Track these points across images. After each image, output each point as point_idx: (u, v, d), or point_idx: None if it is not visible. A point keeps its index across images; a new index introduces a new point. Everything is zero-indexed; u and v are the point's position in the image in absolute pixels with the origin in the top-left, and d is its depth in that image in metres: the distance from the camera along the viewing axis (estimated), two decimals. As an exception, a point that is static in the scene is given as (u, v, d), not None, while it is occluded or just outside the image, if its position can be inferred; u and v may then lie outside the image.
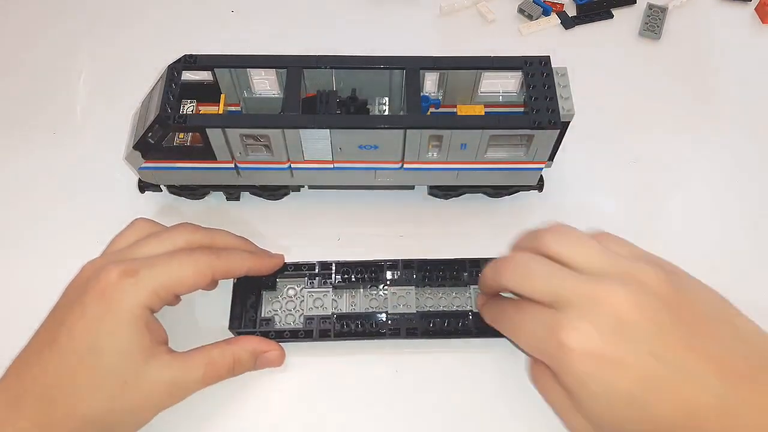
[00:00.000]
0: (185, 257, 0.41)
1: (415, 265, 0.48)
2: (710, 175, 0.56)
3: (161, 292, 0.39)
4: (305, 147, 0.46)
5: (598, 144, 0.57)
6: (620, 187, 0.55)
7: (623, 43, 0.65)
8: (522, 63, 0.47)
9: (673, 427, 0.34)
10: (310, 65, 0.47)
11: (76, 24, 0.66)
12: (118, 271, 0.39)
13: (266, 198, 0.54)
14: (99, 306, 0.38)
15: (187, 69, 0.47)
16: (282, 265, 0.47)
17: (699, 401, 0.33)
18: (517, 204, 0.54)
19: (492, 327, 0.45)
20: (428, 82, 0.50)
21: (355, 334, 0.46)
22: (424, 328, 0.46)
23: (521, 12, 0.67)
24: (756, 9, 0.67)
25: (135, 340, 0.38)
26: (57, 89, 0.61)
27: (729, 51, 0.65)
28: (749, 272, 0.51)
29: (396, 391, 0.45)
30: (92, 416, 0.37)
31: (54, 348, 0.38)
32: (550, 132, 0.45)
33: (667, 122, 0.59)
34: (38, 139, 0.57)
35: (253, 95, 0.51)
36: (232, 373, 0.43)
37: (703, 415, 0.33)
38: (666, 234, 0.53)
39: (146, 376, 0.39)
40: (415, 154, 0.47)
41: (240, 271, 0.44)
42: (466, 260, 0.49)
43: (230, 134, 0.45)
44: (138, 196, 0.53)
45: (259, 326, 0.46)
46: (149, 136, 0.45)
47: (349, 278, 0.48)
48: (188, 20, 0.66)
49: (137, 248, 0.42)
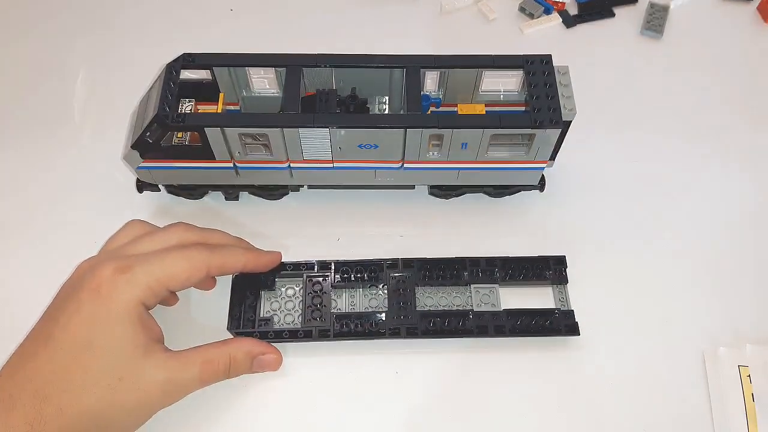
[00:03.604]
0: (179, 252, 0.41)
1: (416, 265, 0.48)
2: (711, 174, 0.56)
3: (155, 286, 0.39)
4: (304, 146, 0.46)
5: (599, 143, 0.57)
6: (621, 186, 0.55)
7: (625, 41, 0.65)
8: (523, 62, 0.47)
9: None
10: (310, 64, 0.47)
11: (74, 23, 0.65)
12: (113, 268, 0.39)
13: (265, 198, 0.54)
14: (94, 302, 0.38)
15: (186, 68, 0.47)
16: (279, 261, 0.47)
17: None
18: (518, 204, 0.54)
19: (492, 326, 0.45)
20: (429, 80, 0.49)
21: (354, 334, 0.46)
22: (423, 328, 0.46)
23: (522, 10, 0.66)
24: (758, 8, 0.67)
25: (130, 336, 0.38)
26: (55, 88, 0.61)
27: (730, 50, 0.64)
28: (750, 270, 0.51)
29: (396, 391, 0.45)
30: (87, 413, 0.37)
31: (49, 345, 0.38)
32: (551, 131, 0.45)
33: (669, 121, 0.59)
34: (36, 139, 0.57)
35: (252, 94, 0.50)
36: (228, 373, 0.43)
37: None
38: (667, 233, 0.52)
39: (141, 373, 0.38)
40: (416, 153, 0.47)
41: (236, 267, 0.44)
42: (467, 259, 0.48)
43: (229, 133, 0.45)
44: (136, 195, 0.52)
45: (258, 326, 0.46)
46: (147, 135, 0.45)
47: (348, 278, 0.48)
48: (187, 19, 0.66)
49: (131, 247, 0.42)
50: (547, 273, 0.48)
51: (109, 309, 0.38)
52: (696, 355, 0.47)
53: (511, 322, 0.46)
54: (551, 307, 0.48)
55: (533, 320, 0.46)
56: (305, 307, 0.47)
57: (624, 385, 0.45)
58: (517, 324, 0.46)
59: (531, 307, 0.47)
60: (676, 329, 0.48)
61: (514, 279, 0.48)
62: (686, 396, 0.45)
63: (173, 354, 0.41)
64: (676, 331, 0.48)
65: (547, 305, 0.48)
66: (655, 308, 0.49)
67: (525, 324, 0.46)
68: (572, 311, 0.47)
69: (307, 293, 0.47)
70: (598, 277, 0.50)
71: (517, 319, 0.46)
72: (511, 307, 0.47)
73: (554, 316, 0.46)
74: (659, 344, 0.47)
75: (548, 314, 0.47)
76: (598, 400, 0.45)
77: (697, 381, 0.46)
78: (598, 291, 0.49)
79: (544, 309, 0.47)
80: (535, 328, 0.46)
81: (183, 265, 0.40)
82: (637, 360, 0.46)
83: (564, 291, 0.49)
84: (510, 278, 0.48)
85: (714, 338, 0.47)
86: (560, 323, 0.46)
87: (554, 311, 0.47)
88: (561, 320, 0.46)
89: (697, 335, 0.47)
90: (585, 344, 0.47)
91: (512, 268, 0.48)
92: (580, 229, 0.52)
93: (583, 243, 0.51)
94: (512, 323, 0.46)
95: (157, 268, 0.39)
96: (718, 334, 0.48)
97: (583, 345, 0.47)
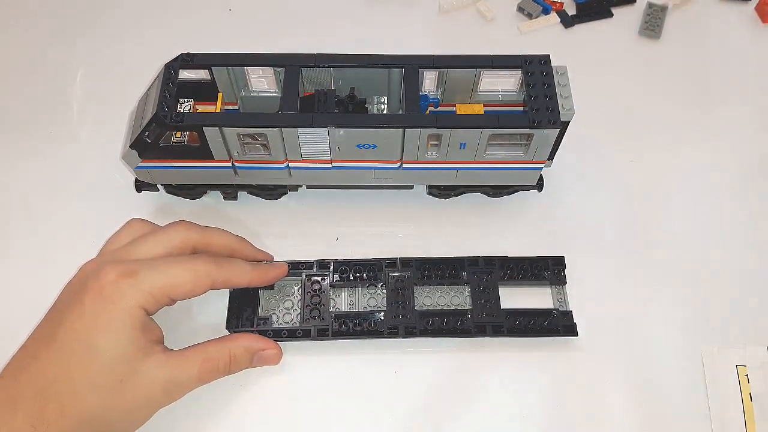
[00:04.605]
0: (186, 263, 0.41)
1: (414, 264, 0.48)
2: (710, 174, 0.56)
3: (158, 294, 0.39)
4: (303, 146, 0.46)
5: (597, 143, 0.57)
6: (620, 186, 0.55)
7: (623, 42, 0.65)
8: (521, 62, 0.47)
9: None
10: (308, 64, 0.47)
11: (72, 23, 0.65)
12: (117, 271, 0.39)
13: (264, 197, 0.54)
14: (97, 305, 0.38)
15: (185, 67, 0.47)
16: (285, 275, 0.47)
17: None
18: (516, 203, 0.54)
19: (491, 325, 0.45)
20: (427, 80, 0.49)
21: (353, 333, 0.46)
22: (422, 327, 0.46)
23: (521, 10, 0.66)
24: (756, 8, 0.67)
25: (131, 339, 0.38)
26: (53, 88, 0.60)
27: (729, 50, 0.64)
28: (748, 272, 0.51)
29: (394, 391, 0.45)
30: (88, 415, 0.37)
31: (51, 347, 0.38)
32: (549, 131, 0.45)
33: (667, 121, 0.59)
34: (35, 139, 0.57)
35: (251, 94, 0.50)
36: (229, 370, 0.43)
37: None
38: (665, 233, 0.53)
39: (142, 375, 0.39)
40: (414, 153, 0.47)
41: (240, 283, 0.44)
42: (465, 259, 0.48)
43: (227, 133, 0.45)
44: (135, 195, 0.52)
45: (257, 325, 0.46)
46: (146, 135, 0.45)
47: (347, 277, 0.48)
48: (185, 19, 0.66)
49: (134, 248, 0.42)
50: (545, 273, 0.49)
51: (111, 312, 0.38)
52: (694, 354, 0.47)
53: (509, 322, 0.46)
54: (549, 308, 0.48)
55: (531, 321, 0.46)
56: (304, 306, 0.47)
57: (622, 384, 0.46)
58: (515, 324, 0.46)
59: (529, 307, 0.47)
60: (674, 329, 0.48)
61: (512, 279, 0.48)
62: (685, 395, 0.45)
63: (173, 353, 0.41)
64: (675, 330, 0.48)
65: (545, 306, 0.48)
66: (654, 308, 0.49)
67: (523, 324, 0.46)
68: (570, 312, 0.47)
69: (305, 292, 0.47)
70: (596, 277, 0.50)
71: (516, 320, 0.46)
72: (509, 307, 0.47)
73: (552, 316, 0.46)
74: (658, 344, 0.47)
75: (546, 315, 0.47)
76: (597, 399, 0.45)
77: (695, 380, 0.46)
78: (596, 291, 0.49)
79: (543, 309, 0.47)
80: (533, 328, 0.46)
81: (187, 276, 0.40)
82: (635, 360, 0.47)
83: (563, 291, 0.49)
84: (508, 278, 0.48)
85: (712, 338, 0.47)
86: (558, 324, 0.46)
87: (552, 312, 0.47)
88: (559, 321, 0.46)
89: (696, 335, 0.48)
90: (583, 345, 0.47)
91: (511, 268, 0.49)
92: (578, 229, 0.53)
93: (582, 243, 0.52)
94: (510, 323, 0.46)
95: (162, 276, 0.39)
96: (717, 333, 0.48)
97: (582, 345, 0.47)
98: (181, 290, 0.40)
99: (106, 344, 0.38)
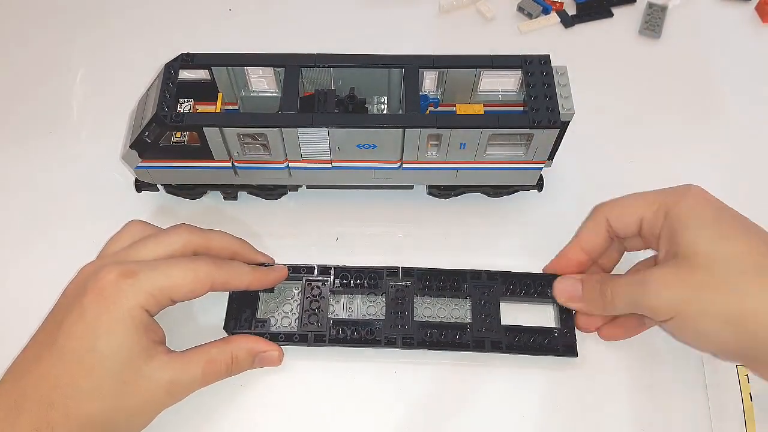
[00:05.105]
0: (186, 264, 0.41)
1: (416, 274, 0.47)
2: (709, 174, 0.56)
3: (158, 295, 0.39)
4: (303, 146, 0.46)
5: (597, 143, 0.57)
6: (620, 186, 0.55)
7: (623, 41, 0.65)
8: (521, 62, 0.47)
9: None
10: (308, 64, 0.47)
11: (72, 22, 0.65)
12: (117, 272, 0.39)
13: (264, 198, 0.53)
14: (98, 306, 0.38)
15: (185, 67, 0.47)
16: (285, 278, 0.47)
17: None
18: (516, 203, 0.54)
19: (489, 341, 0.45)
20: (427, 80, 0.49)
21: (350, 340, 0.45)
22: (420, 339, 0.45)
23: (521, 10, 0.66)
24: (756, 8, 0.67)
25: (133, 340, 0.38)
26: (53, 88, 0.60)
27: (729, 50, 0.64)
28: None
29: (391, 400, 0.45)
30: (92, 418, 0.37)
31: (53, 350, 0.37)
32: (549, 131, 0.45)
33: (667, 121, 0.59)
34: (34, 138, 0.57)
35: (251, 94, 0.50)
36: (231, 371, 0.43)
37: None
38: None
39: (145, 376, 0.38)
40: (414, 153, 0.47)
41: (240, 285, 0.44)
42: (467, 271, 0.48)
43: (227, 133, 0.45)
44: (135, 195, 0.52)
45: (255, 327, 0.46)
46: (146, 135, 0.45)
47: (347, 283, 0.47)
48: (185, 18, 0.66)
49: (135, 250, 0.42)
50: (548, 291, 0.47)
51: (112, 313, 0.38)
52: (694, 354, 0.47)
53: (509, 338, 0.45)
54: (551, 326, 0.46)
55: (531, 338, 0.45)
56: (303, 310, 0.46)
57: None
58: (515, 341, 0.45)
59: (530, 324, 0.46)
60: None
61: (515, 295, 0.47)
62: (684, 395, 0.45)
63: (176, 355, 0.41)
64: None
65: (547, 324, 0.47)
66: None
67: (523, 341, 0.45)
68: (573, 331, 0.46)
69: (305, 297, 0.47)
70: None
71: (515, 336, 0.45)
72: (509, 323, 0.46)
73: (553, 335, 0.46)
74: (658, 344, 0.47)
75: (547, 333, 0.46)
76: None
77: (694, 380, 0.46)
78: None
79: (544, 327, 0.46)
80: (533, 346, 0.45)
81: (188, 277, 0.40)
82: (634, 368, 0.46)
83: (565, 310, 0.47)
84: (510, 293, 0.47)
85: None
86: (558, 343, 0.45)
87: (553, 330, 0.46)
88: (560, 340, 0.45)
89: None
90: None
91: (513, 283, 0.47)
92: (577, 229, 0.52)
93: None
94: (510, 339, 0.45)
95: (162, 276, 0.39)
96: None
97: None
98: (181, 291, 0.40)
99: (109, 346, 0.37)
